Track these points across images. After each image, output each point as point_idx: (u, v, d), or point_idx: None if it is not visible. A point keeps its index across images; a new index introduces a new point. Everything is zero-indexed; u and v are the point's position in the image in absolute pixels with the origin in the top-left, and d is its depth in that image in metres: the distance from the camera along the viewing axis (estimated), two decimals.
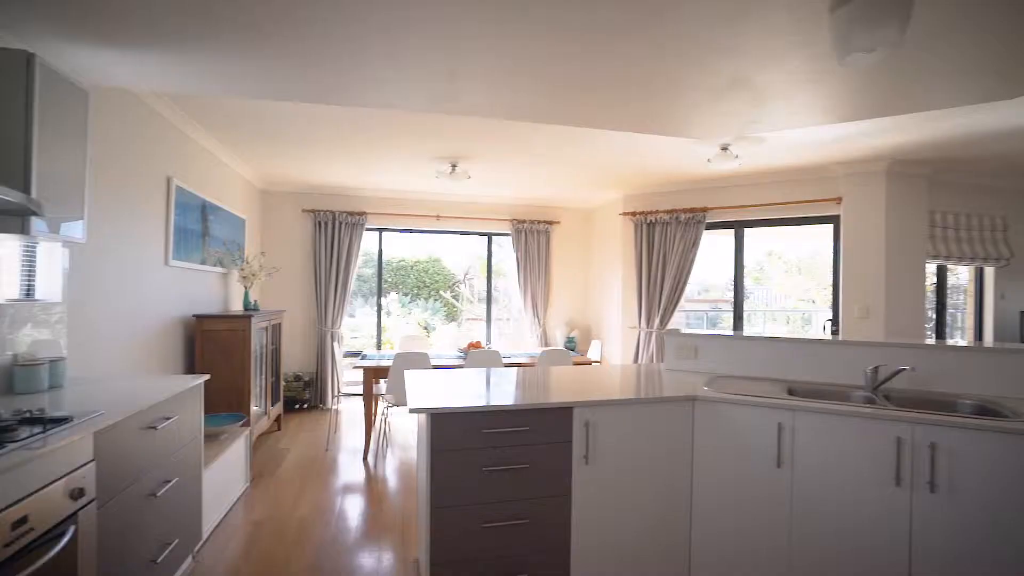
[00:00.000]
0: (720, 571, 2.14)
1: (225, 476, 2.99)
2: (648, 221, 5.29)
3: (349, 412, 5.54)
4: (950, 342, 2.39)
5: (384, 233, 6.26)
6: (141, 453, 1.88)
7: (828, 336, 4.14)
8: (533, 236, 6.25)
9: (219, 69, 2.39)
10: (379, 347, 6.34)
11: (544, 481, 2.01)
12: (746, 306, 10.90)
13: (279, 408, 4.76)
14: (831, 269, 4.84)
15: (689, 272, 5.13)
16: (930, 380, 2.31)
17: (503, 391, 2.26)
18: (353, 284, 5.85)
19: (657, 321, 5.18)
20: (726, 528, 2.13)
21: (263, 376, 4.29)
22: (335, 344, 4.68)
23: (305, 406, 5.65)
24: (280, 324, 4.82)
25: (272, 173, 5.19)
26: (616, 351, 5.77)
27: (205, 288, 4.02)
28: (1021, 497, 1.69)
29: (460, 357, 4.45)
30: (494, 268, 6.69)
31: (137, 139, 3.03)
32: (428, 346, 5.90)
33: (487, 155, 4.39)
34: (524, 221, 6.25)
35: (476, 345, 4.60)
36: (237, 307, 4.70)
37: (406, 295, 9.64)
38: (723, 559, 2.14)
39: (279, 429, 4.78)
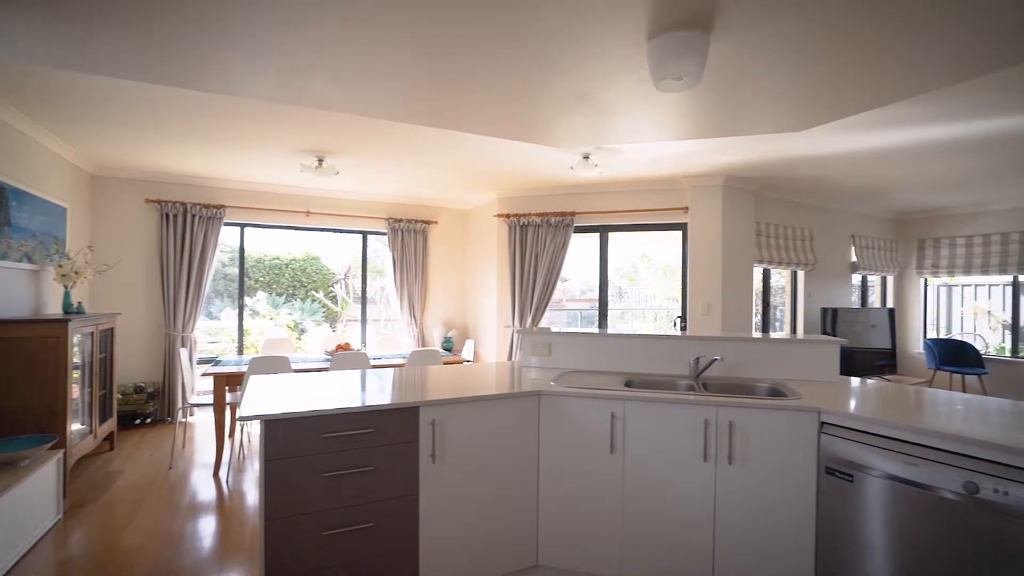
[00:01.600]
0: (565, 553, 2.29)
1: (23, 510, 2.55)
2: (521, 223, 5.49)
3: (203, 424, 5.03)
4: (755, 335, 2.79)
5: (247, 229, 5.77)
6: None
7: (676, 332, 4.62)
8: (410, 235, 6.17)
9: None
10: (241, 352, 5.83)
11: (390, 483, 2.00)
12: (622, 305, 11.72)
13: (111, 425, 4.17)
14: (680, 271, 5.41)
15: (559, 273, 5.41)
16: (741, 368, 2.69)
17: (355, 393, 2.21)
18: (209, 284, 5.31)
19: (529, 320, 5.39)
20: (569, 513, 2.29)
21: (89, 389, 3.73)
22: (183, 350, 4.21)
23: (149, 420, 5.02)
24: (112, 329, 4.23)
25: (106, 157, 4.54)
26: (492, 350, 5.91)
27: (3, 288, 3.39)
28: (794, 461, 2.03)
29: (327, 360, 4.26)
30: (373, 268, 6.50)
31: None
32: (295, 349, 5.56)
33: (357, 151, 4.25)
34: (400, 220, 6.14)
35: (345, 347, 4.43)
36: (55, 310, 4.03)
37: (280, 295, 8.98)
38: (567, 542, 2.29)
39: (111, 449, 4.19)
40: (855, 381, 2.61)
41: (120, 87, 2.95)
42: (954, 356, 6.11)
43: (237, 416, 1.81)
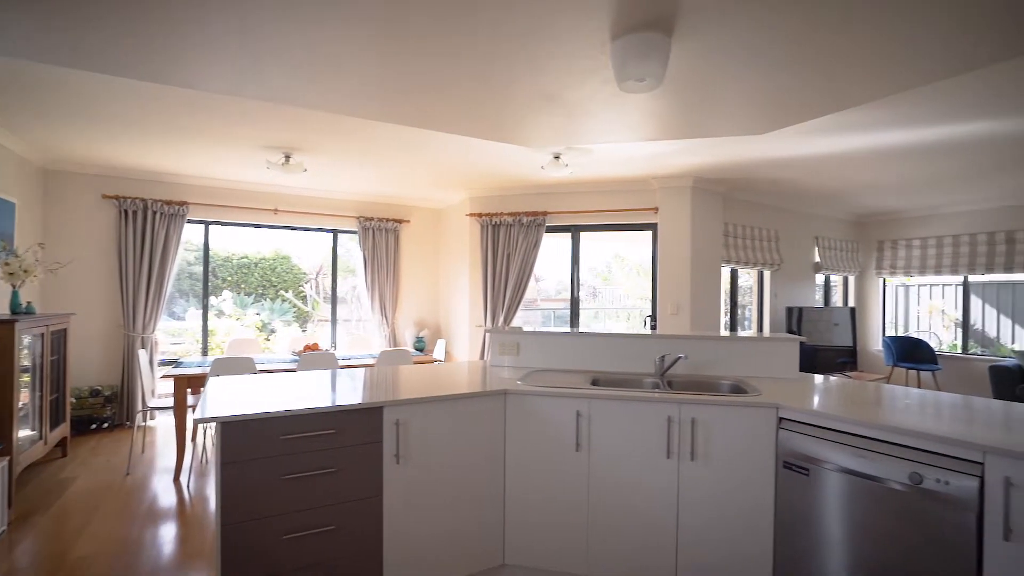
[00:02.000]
0: (531, 552, 2.29)
1: None
2: (493, 223, 5.48)
3: (164, 428, 4.87)
4: (722, 333, 2.84)
5: (213, 227, 5.61)
6: None
7: (646, 331, 4.68)
8: (381, 234, 6.09)
9: None
10: (205, 353, 5.67)
11: (353, 484, 1.97)
12: (596, 304, 11.80)
13: (64, 430, 4.00)
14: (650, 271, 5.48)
15: (531, 272, 5.42)
16: (705, 366, 2.73)
17: (318, 394, 2.16)
18: (172, 283, 5.14)
19: (501, 319, 5.39)
20: (535, 512, 2.29)
21: (39, 393, 3.57)
22: (142, 351, 4.06)
23: (106, 425, 4.83)
24: (65, 330, 4.05)
25: (58, 150, 4.35)
26: (464, 350, 5.89)
27: None
28: (753, 456, 2.08)
29: (294, 361, 4.18)
30: (345, 267, 6.41)
31: None
32: (263, 350, 5.43)
33: (325, 148, 4.17)
34: (372, 219, 6.06)
35: (313, 347, 4.35)
36: (1, 310, 3.85)
37: (248, 295, 8.77)
38: (533, 541, 2.29)
39: (64, 455, 4.02)
40: (813, 378, 2.69)
41: (72, 76, 2.82)
42: (910, 353, 6.36)
43: (193, 418, 1.76)
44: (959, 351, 6.62)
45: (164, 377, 3.71)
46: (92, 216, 4.91)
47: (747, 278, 6.52)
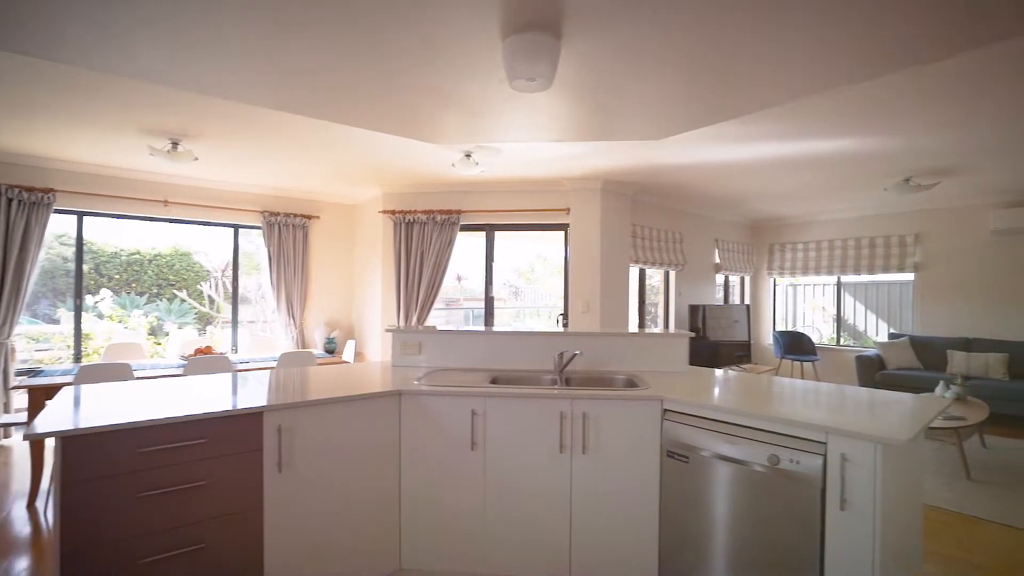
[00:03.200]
0: (428, 555, 2.25)
1: None
2: (407, 220, 5.36)
3: (22, 448, 4.29)
4: (610, 330, 2.95)
5: (88, 218, 5.02)
6: None
7: (558, 328, 4.77)
8: (288, 230, 5.76)
9: None
10: (79, 359, 5.06)
11: (227, 498, 1.83)
12: (518, 303, 11.91)
13: None
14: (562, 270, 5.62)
15: (445, 271, 5.36)
16: (603, 362, 2.83)
17: (191, 400, 1.98)
18: (34, 281, 4.53)
19: (415, 318, 5.29)
20: (432, 513, 2.25)
21: None
22: None
23: None
24: None
25: None
26: (377, 350, 5.72)
27: None
28: (640, 447, 2.17)
29: (182, 366, 3.83)
30: (251, 264, 5.99)
31: None
32: (151, 355, 4.95)
33: (220, 136, 3.86)
34: (278, 214, 5.70)
35: (205, 351, 4.02)
36: None
37: (141, 294, 7.95)
38: (430, 543, 2.25)
39: None
40: (701, 371, 2.86)
41: None
42: (795, 346, 7.01)
43: (24, 435, 1.56)
44: (835, 343, 7.39)
45: (15, 388, 3.25)
46: None
47: (656, 278, 6.87)
